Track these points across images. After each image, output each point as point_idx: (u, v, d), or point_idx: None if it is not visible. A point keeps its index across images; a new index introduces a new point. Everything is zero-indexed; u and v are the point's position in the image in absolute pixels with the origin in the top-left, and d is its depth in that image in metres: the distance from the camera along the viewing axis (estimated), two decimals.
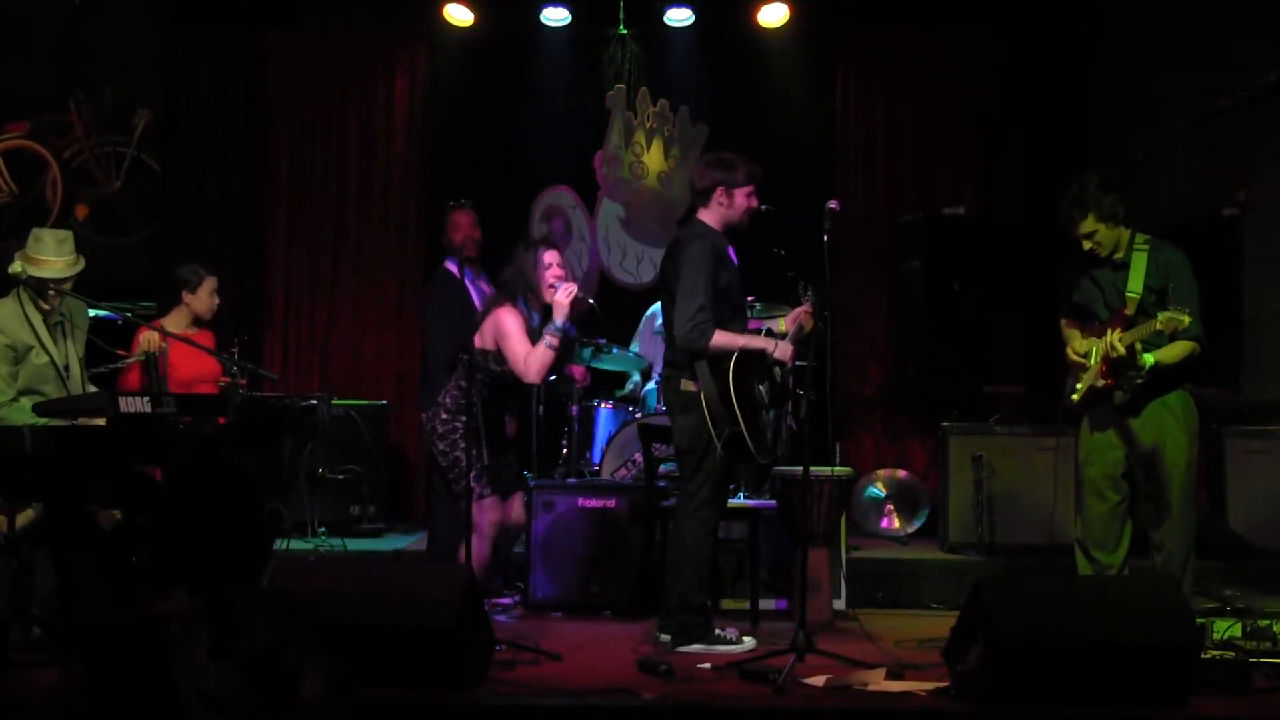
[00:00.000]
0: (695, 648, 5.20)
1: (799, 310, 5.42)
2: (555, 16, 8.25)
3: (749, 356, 5.20)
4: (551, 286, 5.34)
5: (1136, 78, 7.85)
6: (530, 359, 5.28)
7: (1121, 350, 4.99)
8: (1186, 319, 4.86)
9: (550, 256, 5.42)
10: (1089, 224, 5.16)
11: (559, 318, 5.28)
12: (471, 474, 5.26)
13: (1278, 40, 6.69)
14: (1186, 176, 7.08)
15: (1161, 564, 5.16)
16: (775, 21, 8.25)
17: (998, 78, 8.46)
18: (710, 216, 5.37)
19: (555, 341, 5.25)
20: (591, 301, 5.53)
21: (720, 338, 5.15)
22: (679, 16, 8.33)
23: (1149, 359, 5.00)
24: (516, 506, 5.70)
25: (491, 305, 5.45)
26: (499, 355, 5.36)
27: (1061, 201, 5.22)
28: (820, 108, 8.49)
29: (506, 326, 5.32)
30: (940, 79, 8.47)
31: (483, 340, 5.43)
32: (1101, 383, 5.14)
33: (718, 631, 5.29)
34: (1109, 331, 5.06)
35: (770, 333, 5.35)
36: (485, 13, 8.21)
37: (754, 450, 5.13)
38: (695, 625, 5.26)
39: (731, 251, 5.42)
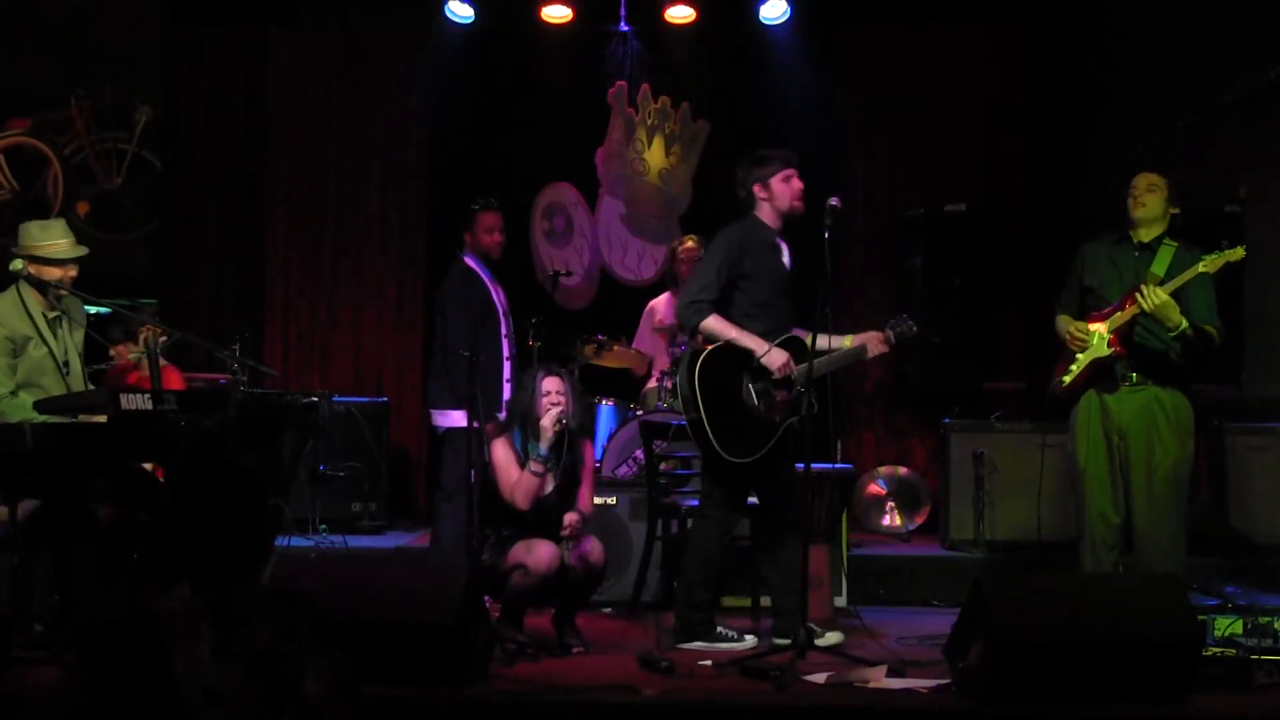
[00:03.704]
0: (697, 645, 5.19)
1: (873, 334, 5.29)
2: (556, 14, 8.24)
3: (741, 351, 5.17)
4: (546, 412, 5.22)
5: (1136, 77, 7.85)
6: (516, 488, 5.17)
7: (1163, 297, 5.00)
8: (1241, 251, 4.96)
9: (549, 384, 5.26)
10: (1154, 178, 5.27)
11: (543, 445, 5.16)
12: (490, 563, 5.15)
13: (1278, 39, 6.69)
14: (1187, 173, 7.07)
15: (1141, 563, 5.16)
16: (776, 18, 8.25)
17: (998, 75, 8.47)
18: (763, 214, 5.33)
19: (539, 468, 5.15)
20: (564, 421, 5.38)
21: (714, 322, 5.15)
22: (680, 13, 8.32)
23: (1184, 323, 5.03)
24: (585, 544, 5.21)
25: (490, 436, 5.39)
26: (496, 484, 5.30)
27: (1143, 159, 5.33)
28: (821, 104, 8.48)
29: (495, 457, 5.26)
30: (941, 76, 8.47)
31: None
32: (1109, 351, 5.14)
33: (720, 629, 5.28)
34: (1140, 289, 5.08)
35: (794, 344, 5.20)
36: (486, 10, 8.20)
37: (715, 442, 5.07)
38: (697, 623, 5.25)
39: (785, 248, 5.33)
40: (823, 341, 5.28)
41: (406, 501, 8.35)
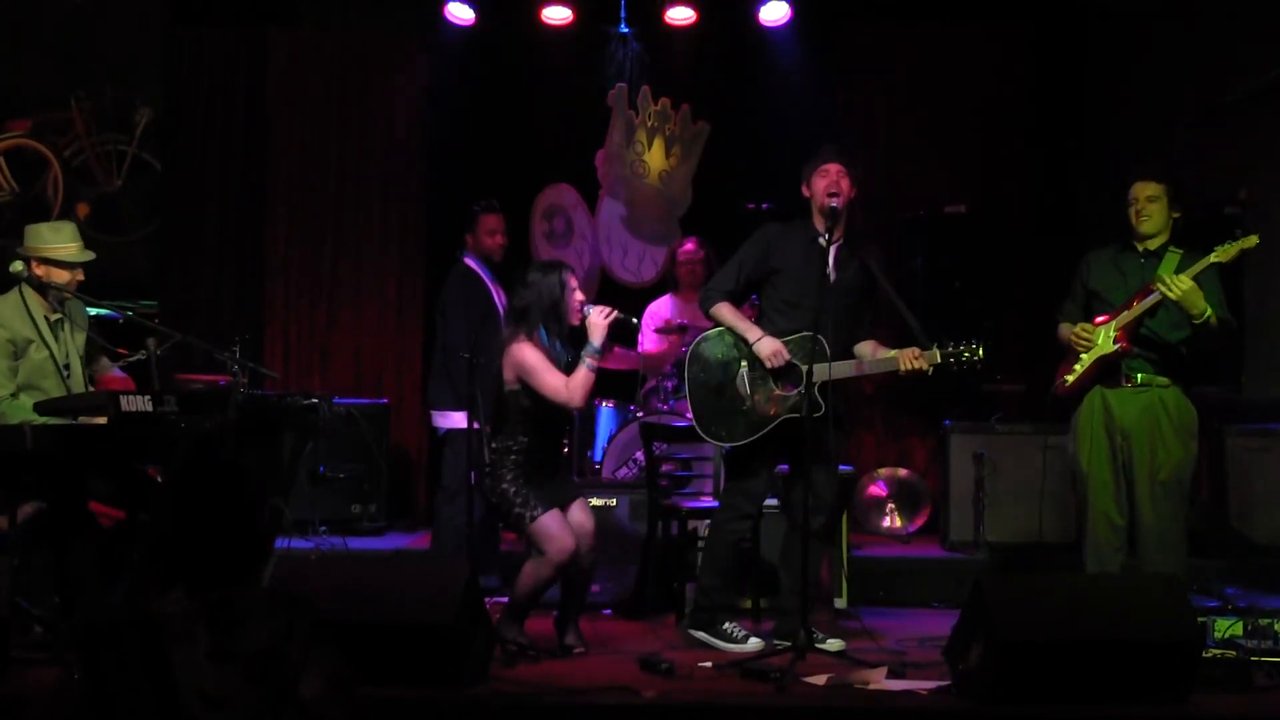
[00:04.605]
0: (700, 635, 5.27)
1: (909, 351, 5.15)
2: (556, 15, 8.24)
3: (744, 338, 5.25)
4: (579, 310, 5.16)
5: (1137, 77, 7.85)
6: (573, 385, 5.02)
7: (1188, 283, 4.99)
8: (1255, 239, 4.96)
9: (574, 280, 5.21)
10: (1153, 189, 5.23)
11: (596, 339, 5.08)
12: (517, 503, 5.03)
13: (1278, 40, 6.68)
14: (1187, 175, 7.07)
15: (1143, 564, 5.17)
16: (776, 20, 8.24)
17: (998, 76, 8.46)
18: (813, 215, 5.35)
19: (596, 363, 5.06)
20: (635, 320, 5.43)
21: (722, 309, 5.30)
22: (680, 15, 8.31)
23: (1208, 310, 5.02)
24: (577, 514, 5.19)
25: (508, 340, 5.16)
26: (526, 391, 5.09)
27: (1143, 159, 5.30)
28: (821, 106, 8.47)
29: (530, 360, 5.04)
30: (941, 77, 8.47)
31: (503, 378, 5.13)
32: (1115, 347, 5.14)
33: (726, 626, 5.29)
34: (1163, 279, 5.07)
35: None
36: (486, 11, 8.20)
37: (691, 411, 5.29)
38: (702, 609, 5.32)
39: (834, 251, 5.25)
40: (868, 350, 5.32)
41: (407, 502, 8.34)
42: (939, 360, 5.13)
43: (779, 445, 5.24)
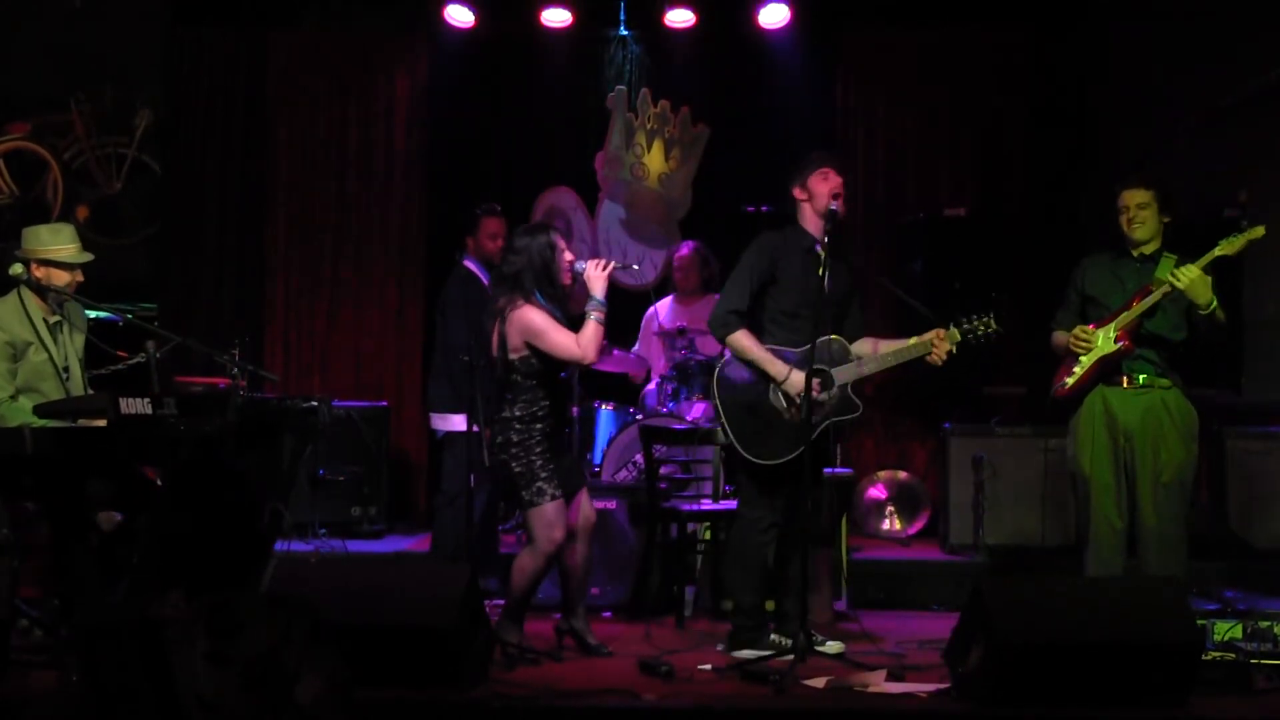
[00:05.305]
0: (745, 653, 5.09)
1: (931, 335, 5.18)
2: (556, 18, 8.24)
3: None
4: (569, 270, 5.14)
5: (1136, 78, 7.85)
6: (584, 341, 5.00)
7: (1194, 274, 4.99)
8: (1262, 230, 4.97)
9: (562, 240, 5.17)
10: (1143, 196, 5.24)
11: (598, 292, 5.09)
12: (542, 476, 4.99)
13: (1278, 40, 6.68)
14: (1187, 177, 7.07)
15: (1144, 566, 5.17)
16: (776, 22, 8.24)
17: (998, 78, 8.46)
18: (805, 219, 5.28)
19: (603, 315, 5.07)
20: (636, 266, 5.34)
21: (741, 339, 5.17)
22: (680, 18, 8.31)
23: (1214, 301, 5.03)
24: (584, 504, 5.20)
25: (505, 308, 5.08)
26: (536, 354, 5.03)
27: (1142, 161, 5.30)
28: (821, 108, 8.48)
29: (538, 322, 5.00)
30: (941, 79, 8.47)
31: (507, 347, 5.06)
32: (1117, 347, 5.14)
33: (772, 637, 5.21)
34: (1172, 271, 5.08)
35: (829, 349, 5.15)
36: (486, 13, 8.21)
37: (737, 445, 5.14)
38: (745, 629, 5.19)
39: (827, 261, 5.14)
40: (868, 347, 5.29)
41: (407, 504, 8.34)
42: (960, 338, 5.16)
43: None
